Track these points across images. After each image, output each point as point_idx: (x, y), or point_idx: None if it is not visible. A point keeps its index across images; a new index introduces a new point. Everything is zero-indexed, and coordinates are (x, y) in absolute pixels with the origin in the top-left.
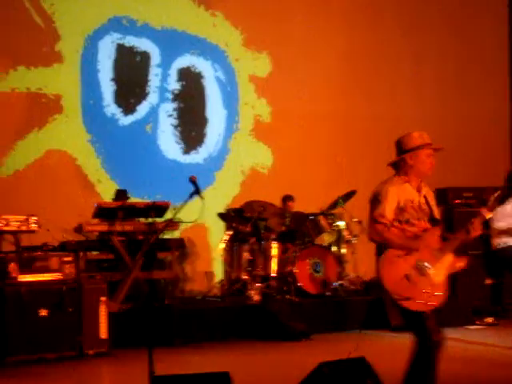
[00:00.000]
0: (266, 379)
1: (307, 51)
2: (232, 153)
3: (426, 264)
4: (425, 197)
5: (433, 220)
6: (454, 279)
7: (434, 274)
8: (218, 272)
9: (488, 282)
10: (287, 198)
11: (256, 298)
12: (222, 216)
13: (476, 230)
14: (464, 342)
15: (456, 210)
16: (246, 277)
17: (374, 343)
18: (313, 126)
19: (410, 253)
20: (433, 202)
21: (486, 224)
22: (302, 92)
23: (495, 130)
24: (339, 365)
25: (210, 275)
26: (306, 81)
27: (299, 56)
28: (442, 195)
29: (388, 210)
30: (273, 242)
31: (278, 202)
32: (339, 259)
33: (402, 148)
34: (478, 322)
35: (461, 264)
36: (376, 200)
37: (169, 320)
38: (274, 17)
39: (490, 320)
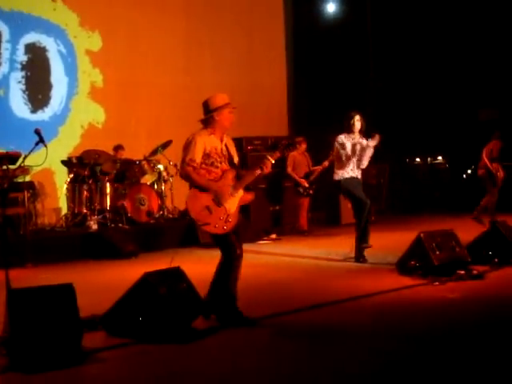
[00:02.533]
0: (103, 288)
1: (132, 30)
2: (73, 111)
3: (222, 198)
4: (226, 145)
5: (231, 163)
6: (248, 207)
7: (228, 205)
8: (64, 208)
9: (271, 208)
10: (118, 147)
11: (94, 227)
12: (64, 163)
13: (267, 168)
14: (256, 252)
15: (249, 155)
16: (86, 211)
17: (188, 257)
18: (137, 90)
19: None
20: (232, 150)
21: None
22: (127, 62)
23: (277, 92)
24: (160, 274)
25: (56, 210)
26: (130, 53)
27: (125, 34)
28: (237, 143)
29: (197, 155)
30: (107, 183)
31: (110, 151)
32: (160, 194)
33: (208, 107)
34: (265, 238)
35: (249, 197)
36: (187, 147)
37: (22, 247)
38: (103, 2)
39: (273, 236)
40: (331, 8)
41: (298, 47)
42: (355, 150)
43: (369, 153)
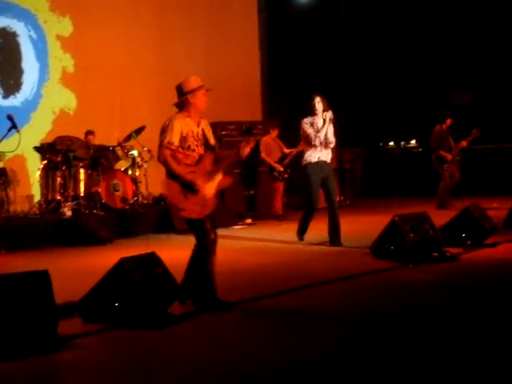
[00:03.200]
0: (78, 274)
1: (103, 15)
2: (44, 97)
3: (195, 187)
4: (202, 129)
5: (208, 147)
6: (222, 192)
7: (206, 190)
8: (37, 195)
9: (246, 193)
10: (88, 133)
11: (68, 213)
12: (37, 149)
13: (244, 153)
14: (231, 237)
15: (223, 140)
16: (60, 197)
17: (164, 243)
18: (109, 75)
19: (190, 174)
20: (209, 133)
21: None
22: (99, 47)
23: (250, 77)
24: (136, 259)
25: (29, 198)
26: (102, 38)
27: (96, 19)
28: (212, 128)
29: (174, 137)
30: (80, 169)
31: (83, 137)
32: (134, 180)
33: (182, 90)
34: (240, 223)
35: (227, 181)
36: (165, 130)
37: None
38: None
39: (248, 221)
40: None
41: (272, 32)
42: (319, 131)
43: (329, 130)
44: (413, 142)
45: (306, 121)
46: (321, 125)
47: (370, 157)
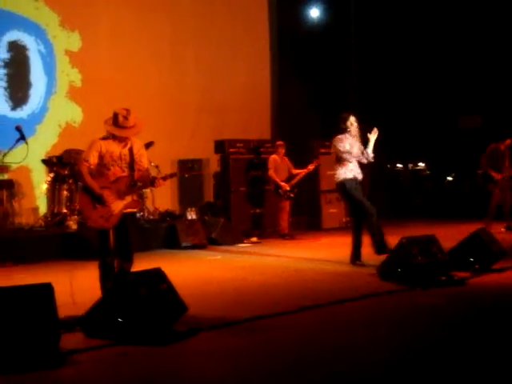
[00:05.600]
0: (83, 288)
1: (112, 31)
2: (51, 110)
3: (107, 198)
4: (130, 150)
5: (131, 167)
6: (229, 209)
7: (113, 206)
8: (42, 207)
9: (252, 211)
10: None
11: (74, 227)
12: (44, 162)
13: (159, 185)
14: (237, 253)
15: (231, 157)
16: (66, 210)
17: (169, 258)
18: (116, 90)
19: (102, 188)
20: (139, 154)
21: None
22: (106, 63)
23: (260, 96)
24: (140, 274)
25: (34, 210)
26: (110, 54)
27: (105, 34)
28: (219, 146)
29: (91, 155)
30: None
31: None
32: (140, 195)
33: (112, 122)
34: (246, 241)
35: (134, 206)
36: (87, 148)
37: (1, 246)
38: (84, 2)
39: (254, 239)
40: (315, 13)
41: (282, 53)
42: (354, 151)
43: (370, 147)
44: (421, 164)
45: (339, 137)
46: (353, 143)
47: (377, 178)
